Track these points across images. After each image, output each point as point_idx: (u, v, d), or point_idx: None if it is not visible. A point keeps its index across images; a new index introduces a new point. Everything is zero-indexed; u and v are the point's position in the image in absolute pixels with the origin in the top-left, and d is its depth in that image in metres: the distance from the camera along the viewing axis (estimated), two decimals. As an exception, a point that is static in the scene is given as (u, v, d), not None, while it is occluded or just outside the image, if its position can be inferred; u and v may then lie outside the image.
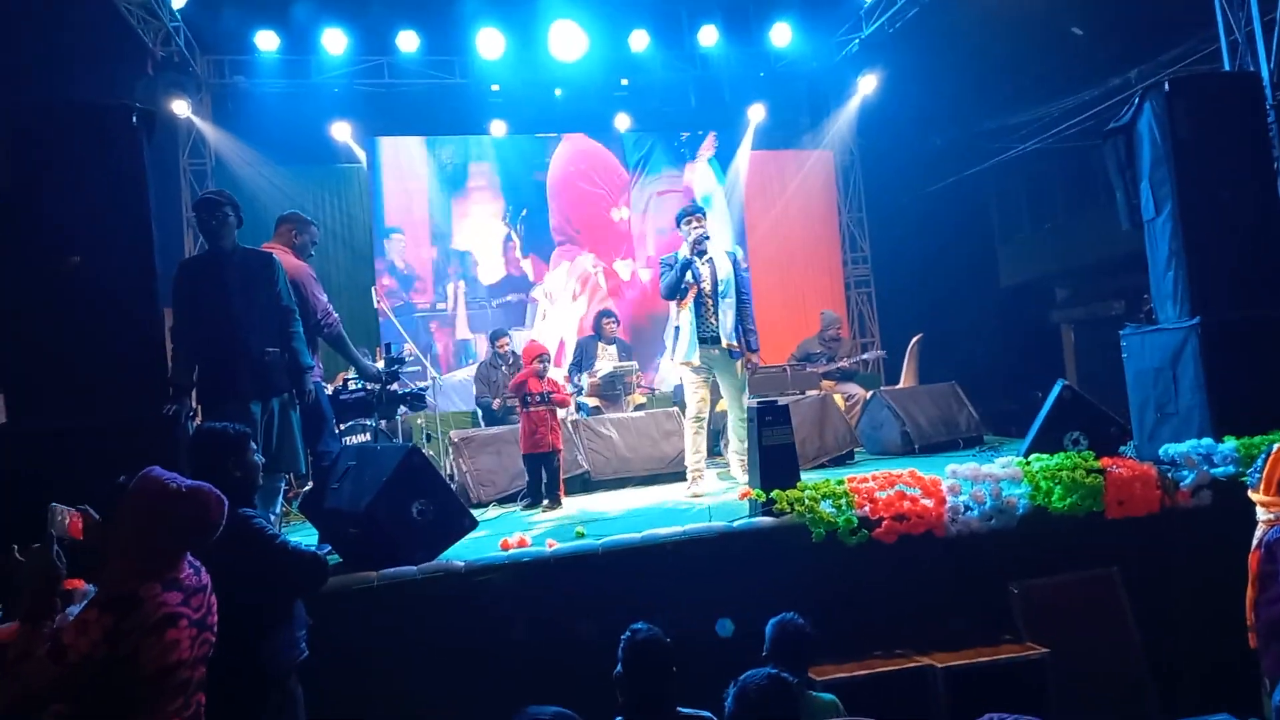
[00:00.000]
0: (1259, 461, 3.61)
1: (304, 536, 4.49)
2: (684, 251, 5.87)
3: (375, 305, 7.93)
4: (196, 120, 9.13)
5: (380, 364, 5.54)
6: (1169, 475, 4.53)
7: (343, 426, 5.81)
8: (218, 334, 4.10)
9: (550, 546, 4.15)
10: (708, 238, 5.89)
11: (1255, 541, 3.41)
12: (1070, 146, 10.54)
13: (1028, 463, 4.63)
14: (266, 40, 9.22)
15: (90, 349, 3.84)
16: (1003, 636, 4.12)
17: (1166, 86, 5.07)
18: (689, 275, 5.78)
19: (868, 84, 10.21)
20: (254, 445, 3.14)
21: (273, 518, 4.33)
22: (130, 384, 3.90)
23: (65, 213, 3.91)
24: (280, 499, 4.55)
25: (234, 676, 2.73)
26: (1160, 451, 4.68)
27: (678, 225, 6.07)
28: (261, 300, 4.21)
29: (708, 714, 3.00)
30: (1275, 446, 3.68)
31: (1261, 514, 3.44)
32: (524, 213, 10.19)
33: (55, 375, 3.82)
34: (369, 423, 6.01)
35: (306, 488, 5.32)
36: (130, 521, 2.28)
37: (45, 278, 3.82)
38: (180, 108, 8.68)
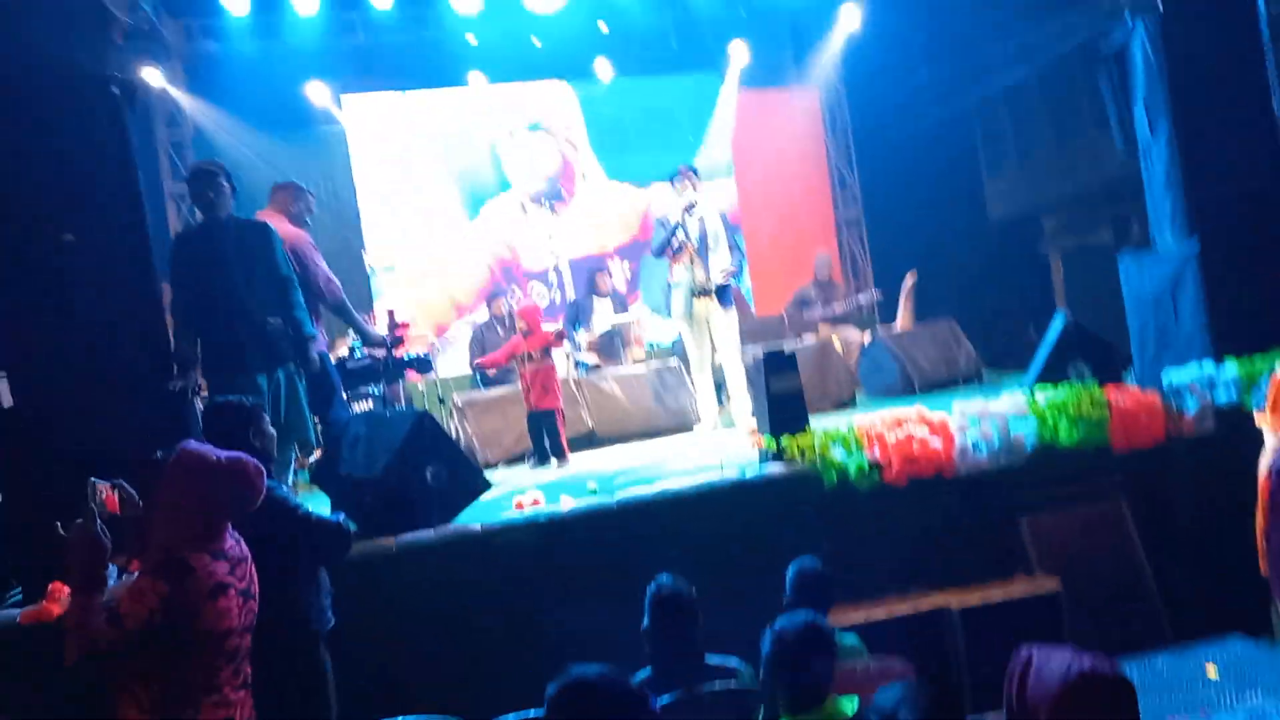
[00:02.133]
0: (1262, 384, 3.63)
1: (316, 506, 4.49)
2: (674, 211, 6.15)
3: (367, 269, 7.84)
4: (171, 89, 8.90)
5: (383, 330, 5.50)
6: (1173, 403, 4.56)
7: (347, 395, 5.78)
8: (220, 306, 4.05)
9: (565, 504, 4.17)
10: (694, 204, 6.15)
11: (1265, 468, 3.44)
12: (1055, 74, 10.41)
13: (1033, 397, 4.66)
14: (236, 2, 8.95)
15: (91, 327, 3.80)
16: (1015, 573, 4.19)
17: (1160, 6, 5.02)
18: (679, 234, 6.13)
19: (850, 15, 10.01)
20: (267, 416, 3.13)
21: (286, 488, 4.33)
22: (134, 361, 3.86)
23: (54, 189, 3.84)
24: (290, 470, 4.54)
25: (267, 646, 2.75)
26: (1163, 378, 4.72)
27: (671, 182, 6.32)
28: (261, 270, 4.16)
29: (735, 660, 3.05)
30: (1278, 367, 3.71)
31: (1270, 439, 3.47)
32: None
33: (57, 355, 3.78)
34: (373, 390, 5.98)
35: (313, 458, 5.31)
36: (174, 493, 2.29)
37: (41, 257, 3.76)
38: (153, 76, 8.47)
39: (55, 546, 2.29)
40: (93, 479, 2.35)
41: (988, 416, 4.50)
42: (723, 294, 6.16)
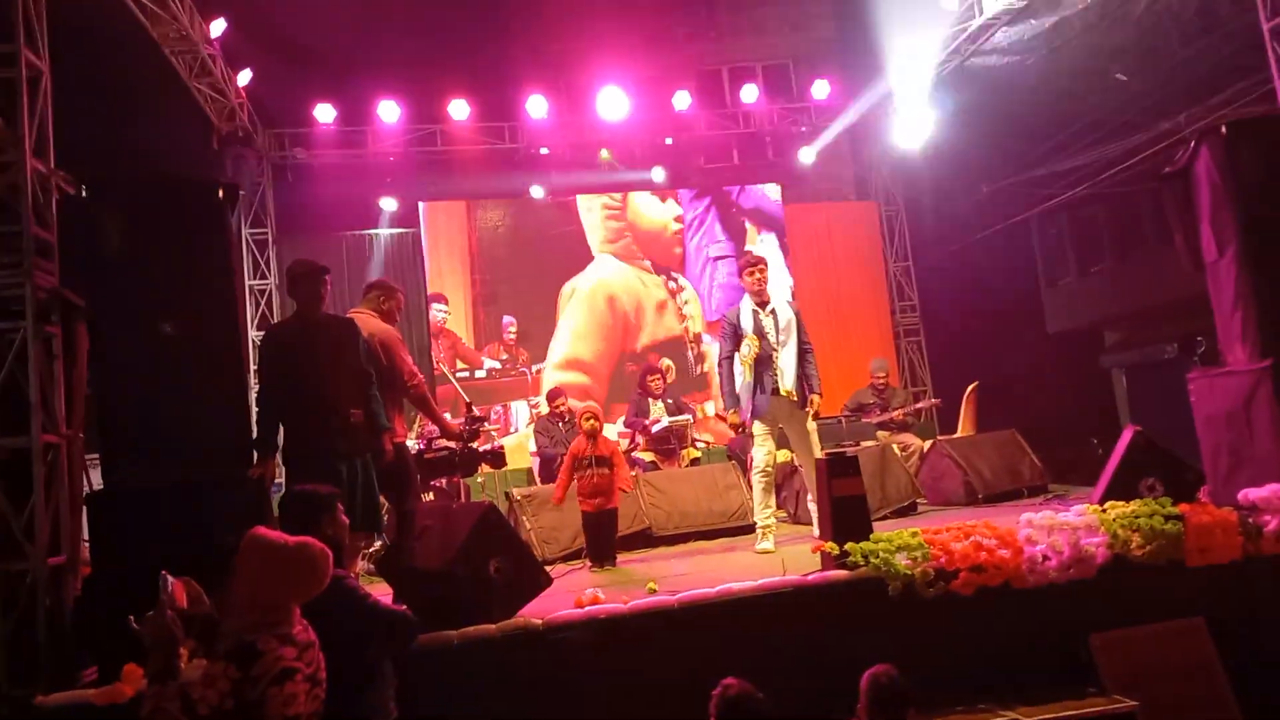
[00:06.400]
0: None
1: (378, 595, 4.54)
2: (746, 310, 5.73)
3: (434, 367, 8.06)
4: (257, 191, 9.48)
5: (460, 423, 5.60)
6: (1250, 521, 4.44)
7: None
8: (308, 397, 4.21)
9: (625, 603, 4.16)
10: (768, 302, 5.76)
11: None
12: (1118, 191, 10.53)
13: (1104, 511, 4.57)
14: (324, 113, 9.59)
15: (181, 413, 3.98)
16: (1087, 690, 4.04)
17: (1223, 129, 5.10)
18: (752, 334, 5.67)
19: (910, 134, 10.28)
20: (342, 505, 3.22)
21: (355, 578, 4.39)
22: (219, 447, 4.03)
23: (156, 283, 4.09)
24: (358, 558, 4.62)
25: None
26: (1240, 497, 4.60)
27: (740, 275, 5.94)
28: (346, 364, 4.34)
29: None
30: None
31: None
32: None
33: (148, 439, 3.96)
34: (434, 482, 6.08)
35: (374, 547, 5.38)
36: (244, 577, 2.37)
37: (142, 344, 3.99)
38: (242, 179, 9.02)
39: (131, 631, 2.38)
40: (164, 572, 2.45)
41: (1057, 528, 4.42)
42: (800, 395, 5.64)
